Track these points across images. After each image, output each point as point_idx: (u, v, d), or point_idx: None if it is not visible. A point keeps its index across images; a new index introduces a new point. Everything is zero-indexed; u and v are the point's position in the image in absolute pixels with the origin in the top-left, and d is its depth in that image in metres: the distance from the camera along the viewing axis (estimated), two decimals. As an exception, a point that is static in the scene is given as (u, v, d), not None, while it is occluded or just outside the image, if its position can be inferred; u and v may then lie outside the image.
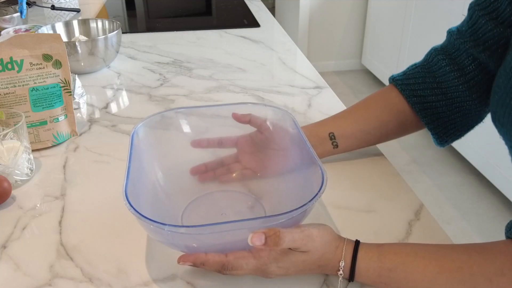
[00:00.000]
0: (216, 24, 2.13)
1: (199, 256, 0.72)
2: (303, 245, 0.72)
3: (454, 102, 0.99)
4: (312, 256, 0.74)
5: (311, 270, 0.76)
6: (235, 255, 0.73)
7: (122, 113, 1.30)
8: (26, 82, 1.06)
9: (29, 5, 2.28)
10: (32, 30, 1.56)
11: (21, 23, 1.96)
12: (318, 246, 0.74)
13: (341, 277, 0.75)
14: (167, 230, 0.67)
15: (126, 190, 0.72)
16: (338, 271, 0.75)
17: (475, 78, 0.94)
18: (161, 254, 0.81)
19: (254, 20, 2.16)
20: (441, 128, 1.03)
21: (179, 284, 0.76)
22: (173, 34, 1.99)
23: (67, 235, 0.86)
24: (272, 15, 2.28)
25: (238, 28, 2.06)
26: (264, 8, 2.39)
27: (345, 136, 1.03)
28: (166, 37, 1.95)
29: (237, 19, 2.19)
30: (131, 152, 0.83)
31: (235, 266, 0.72)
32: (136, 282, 0.76)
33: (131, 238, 0.85)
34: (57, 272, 0.78)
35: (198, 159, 0.97)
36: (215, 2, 2.57)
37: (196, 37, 1.95)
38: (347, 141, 1.03)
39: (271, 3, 6.74)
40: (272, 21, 2.18)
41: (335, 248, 0.75)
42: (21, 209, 0.93)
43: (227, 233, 0.71)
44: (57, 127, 1.13)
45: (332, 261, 0.75)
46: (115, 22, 1.69)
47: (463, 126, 1.02)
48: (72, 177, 1.02)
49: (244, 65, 1.62)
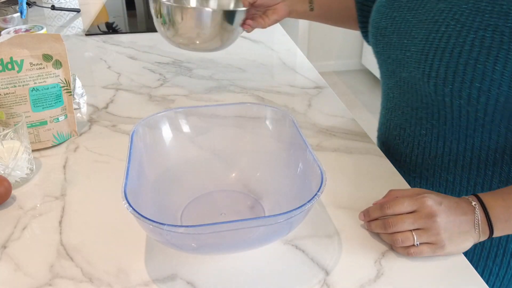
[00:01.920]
0: (216, 24, 2.12)
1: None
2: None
3: None
4: (442, 195, 0.84)
5: (455, 211, 0.81)
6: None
7: (122, 113, 1.30)
8: (26, 82, 1.06)
9: (29, 5, 2.28)
10: (32, 30, 1.56)
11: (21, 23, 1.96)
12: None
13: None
14: (166, 229, 0.67)
15: (125, 190, 0.72)
16: (471, 204, 0.83)
17: None
18: (161, 254, 0.81)
19: (254, 20, 2.15)
20: (366, 8, 1.28)
21: (179, 284, 0.76)
22: (173, 34, 1.99)
23: (67, 235, 0.86)
24: (272, 15, 2.28)
25: (238, 28, 2.06)
26: (264, 8, 2.39)
27: (318, 4, 1.31)
28: (166, 37, 1.95)
29: (237, 19, 2.19)
30: (131, 152, 0.83)
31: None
32: (136, 282, 0.76)
33: (131, 238, 0.85)
34: (57, 272, 0.78)
35: (197, 159, 0.98)
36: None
37: (196, 37, 1.95)
38: (319, 10, 1.31)
39: (271, 3, 6.72)
40: (272, 21, 2.18)
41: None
42: (21, 209, 0.93)
43: (226, 233, 0.71)
44: (57, 127, 1.13)
45: (461, 199, 0.84)
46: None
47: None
48: (72, 177, 1.02)
49: (244, 65, 1.62)
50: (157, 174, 0.93)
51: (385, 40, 1.06)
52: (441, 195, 0.85)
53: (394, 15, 1.03)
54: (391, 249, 0.82)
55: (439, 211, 0.80)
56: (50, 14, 2.27)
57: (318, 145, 1.13)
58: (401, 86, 1.05)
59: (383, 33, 1.06)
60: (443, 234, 0.79)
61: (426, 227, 0.80)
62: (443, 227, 0.79)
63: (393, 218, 0.82)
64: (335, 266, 0.79)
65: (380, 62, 1.13)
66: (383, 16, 1.07)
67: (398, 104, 1.08)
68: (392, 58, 1.04)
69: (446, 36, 0.90)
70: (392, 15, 1.04)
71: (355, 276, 0.77)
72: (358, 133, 1.19)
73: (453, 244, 0.80)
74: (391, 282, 0.76)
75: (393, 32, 1.03)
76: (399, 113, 1.08)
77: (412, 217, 0.80)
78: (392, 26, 1.03)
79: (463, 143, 0.97)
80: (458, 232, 0.80)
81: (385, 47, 1.06)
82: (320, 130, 1.20)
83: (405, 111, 1.06)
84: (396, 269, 0.78)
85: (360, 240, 0.85)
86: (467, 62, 0.87)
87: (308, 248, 0.83)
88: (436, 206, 0.80)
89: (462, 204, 0.83)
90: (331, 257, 0.81)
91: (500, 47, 0.84)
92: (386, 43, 1.06)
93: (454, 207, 0.82)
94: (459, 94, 0.90)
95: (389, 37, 1.04)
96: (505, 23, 0.84)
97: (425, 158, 1.05)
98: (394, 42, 1.03)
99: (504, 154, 0.95)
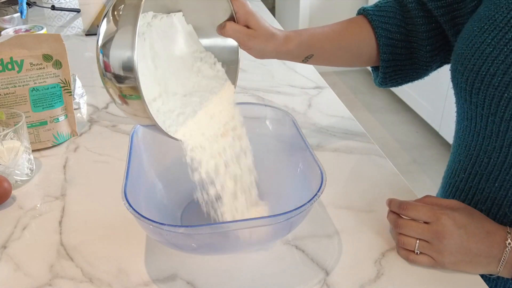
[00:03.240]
0: (217, 24, 2.12)
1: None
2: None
3: (412, 46, 1.01)
4: (475, 217, 0.79)
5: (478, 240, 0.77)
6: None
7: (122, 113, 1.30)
8: (26, 82, 1.06)
9: (29, 6, 2.28)
10: (32, 30, 1.56)
11: (21, 23, 1.96)
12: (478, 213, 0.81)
13: (509, 247, 0.76)
14: (166, 230, 0.67)
15: (125, 190, 0.72)
16: (506, 240, 0.76)
17: (438, 29, 0.97)
18: (161, 254, 0.81)
19: (254, 20, 2.15)
20: (391, 68, 1.04)
21: (179, 284, 0.76)
22: (173, 34, 1.98)
23: (67, 235, 0.86)
24: (273, 15, 2.28)
25: (238, 28, 2.05)
26: (264, 8, 2.38)
27: (316, 59, 1.02)
28: (166, 37, 1.94)
29: (237, 19, 2.18)
30: (131, 152, 0.83)
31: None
32: (137, 282, 0.76)
33: (131, 238, 0.85)
34: (57, 272, 0.78)
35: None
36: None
37: (196, 37, 1.94)
38: (314, 62, 1.04)
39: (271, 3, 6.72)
40: (272, 21, 2.18)
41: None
42: (21, 209, 0.93)
43: (226, 233, 0.71)
44: (57, 127, 1.13)
45: (498, 229, 0.78)
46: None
47: (407, 75, 1.05)
48: (72, 177, 1.02)
49: (244, 65, 1.62)
50: (157, 174, 0.93)
51: (489, 92, 0.81)
52: (472, 218, 0.79)
53: (509, 61, 0.78)
54: (391, 250, 0.83)
55: (453, 234, 0.75)
56: (50, 14, 2.27)
57: (318, 145, 1.13)
58: (509, 153, 0.83)
59: (488, 81, 0.81)
60: (447, 257, 0.76)
61: (432, 243, 0.77)
62: (450, 251, 0.76)
63: (404, 221, 0.80)
64: (335, 266, 0.79)
65: (471, 114, 0.88)
66: (488, 58, 0.80)
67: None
68: (501, 117, 0.81)
69: None
70: (505, 60, 0.78)
71: (355, 276, 0.77)
72: (358, 133, 1.19)
73: (457, 267, 0.77)
74: (391, 282, 0.76)
75: (508, 85, 0.78)
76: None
77: (422, 227, 0.78)
78: (505, 75, 0.78)
79: None
80: (468, 262, 0.76)
81: (489, 100, 0.82)
82: (320, 130, 1.20)
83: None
84: (396, 269, 0.79)
85: (360, 240, 0.85)
86: None
87: (308, 248, 0.83)
88: (452, 228, 0.76)
89: (493, 235, 0.77)
90: (331, 257, 0.81)
91: None
92: (491, 95, 0.81)
93: (479, 235, 0.77)
94: None
95: (499, 89, 0.80)
96: None
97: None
98: (507, 97, 0.79)
99: None
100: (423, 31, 0.97)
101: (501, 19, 0.79)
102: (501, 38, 0.79)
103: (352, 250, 0.83)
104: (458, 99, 0.91)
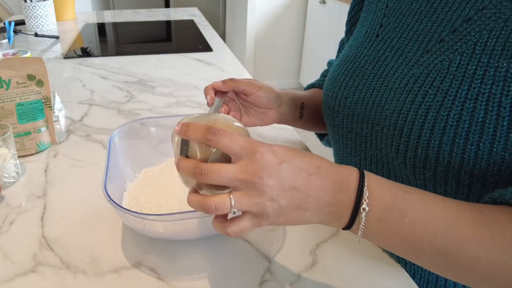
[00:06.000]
0: (175, 49, 2.12)
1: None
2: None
3: None
4: (322, 171, 0.55)
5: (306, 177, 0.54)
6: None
7: (95, 124, 1.29)
8: (13, 98, 1.05)
9: (16, 33, 2.25)
10: (18, 54, 1.54)
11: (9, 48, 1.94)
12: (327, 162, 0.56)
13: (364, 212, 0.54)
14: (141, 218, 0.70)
15: (105, 185, 0.74)
16: (356, 188, 0.54)
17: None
18: (128, 245, 0.82)
19: (208, 45, 2.17)
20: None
21: (143, 270, 0.76)
22: (138, 57, 1.98)
23: (48, 229, 0.85)
24: (223, 41, 2.29)
25: (193, 52, 2.07)
26: (216, 35, 2.40)
27: (308, 109, 0.98)
28: (132, 60, 1.94)
29: (193, 45, 2.19)
30: (109, 154, 0.84)
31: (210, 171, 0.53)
32: (107, 269, 0.76)
33: (104, 231, 0.85)
34: (40, 261, 0.77)
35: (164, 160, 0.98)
36: (174, 30, 2.57)
37: (158, 60, 1.95)
38: (307, 114, 0.99)
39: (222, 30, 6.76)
40: (223, 46, 2.20)
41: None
42: (9, 206, 0.92)
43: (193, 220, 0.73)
44: (39, 136, 1.12)
45: (340, 168, 0.56)
46: None
47: None
48: (53, 180, 1.01)
49: (199, 84, 1.63)
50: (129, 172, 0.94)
51: (345, 112, 0.80)
52: (297, 152, 0.56)
53: (356, 83, 0.78)
54: (324, 241, 0.83)
55: (272, 172, 0.53)
56: (33, 40, 2.23)
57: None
58: (367, 166, 0.79)
59: (343, 103, 0.80)
60: (270, 206, 0.53)
61: (248, 188, 0.53)
62: (271, 196, 0.53)
63: (208, 165, 0.54)
64: (277, 255, 0.80)
65: (336, 137, 0.87)
66: (342, 85, 0.81)
67: None
68: (355, 133, 0.79)
69: (424, 108, 0.64)
70: (354, 83, 0.79)
71: (294, 264, 0.78)
72: (296, 142, 1.21)
73: (286, 219, 0.55)
74: (324, 269, 0.76)
75: (356, 103, 0.77)
76: None
77: (233, 169, 0.53)
78: (354, 96, 0.78)
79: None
80: (296, 207, 0.54)
81: (346, 120, 0.81)
82: (263, 139, 1.22)
83: None
84: (329, 258, 0.79)
85: (300, 232, 0.85)
86: (453, 141, 0.60)
87: (254, 239, 0.84)
88: (271, 164, 0.53)
89: (326, 170, 0.55)
90: (274, 248, 0.82)
91: (497, 123, 0.58)
92: (346, 115, 0.80)
93: (306, 171, 0.54)
94: (445, 180, 0.64)
95: (351, 108, 0.78)
96: (503, 91, 0.57)
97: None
98: (357, 114, 0.77)
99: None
100: None
101: (352, 55, 0.84)
102: (351, 69, 0.82)
103: (292, 241, 0.83)
104: (328, 127, 0.91)
